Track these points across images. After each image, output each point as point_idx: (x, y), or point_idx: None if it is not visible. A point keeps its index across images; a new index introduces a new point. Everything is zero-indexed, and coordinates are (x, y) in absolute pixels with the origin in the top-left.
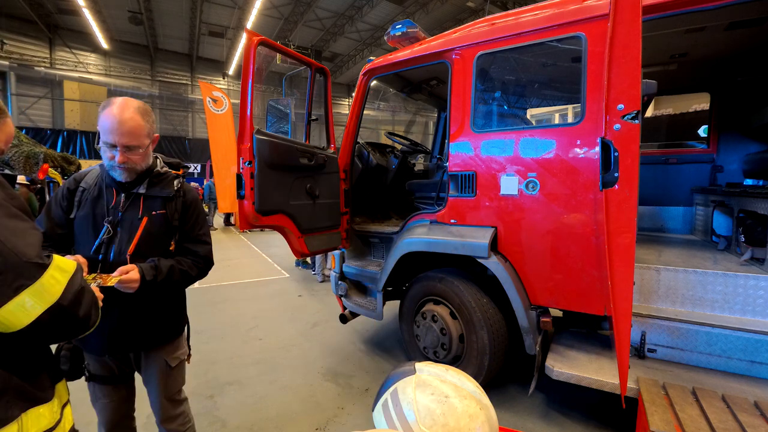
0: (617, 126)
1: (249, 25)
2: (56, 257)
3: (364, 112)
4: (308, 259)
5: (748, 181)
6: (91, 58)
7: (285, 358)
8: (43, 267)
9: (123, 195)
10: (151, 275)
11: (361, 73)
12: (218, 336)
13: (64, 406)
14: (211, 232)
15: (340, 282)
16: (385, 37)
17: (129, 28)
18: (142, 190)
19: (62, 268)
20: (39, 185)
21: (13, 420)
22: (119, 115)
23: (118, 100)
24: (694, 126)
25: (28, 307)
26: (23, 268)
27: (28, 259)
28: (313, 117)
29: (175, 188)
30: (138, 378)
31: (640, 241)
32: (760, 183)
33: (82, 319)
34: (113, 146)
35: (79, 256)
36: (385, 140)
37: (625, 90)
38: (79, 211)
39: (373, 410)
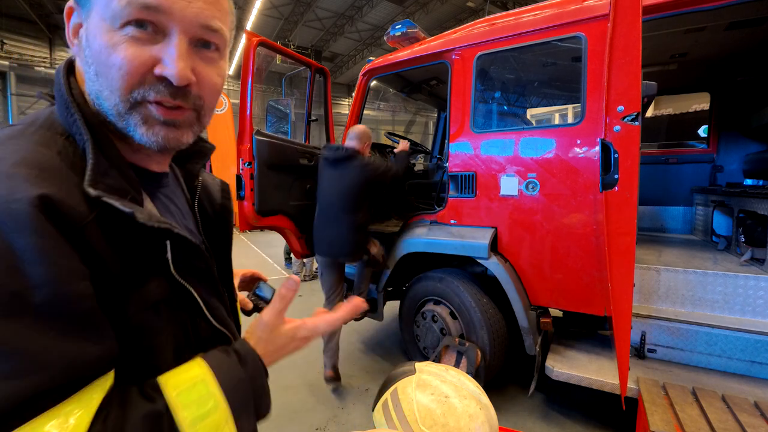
0: (617, 128)
1: (249, 25)
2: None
3: (364, 112)
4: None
5: (748, 181)
6: None
7: (285, 358)
8: None
9: None
10: None
11: (361, 74)
12: None
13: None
14: None
15: None
16: (385, 38)
17: None
18: None
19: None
20: None
21: None
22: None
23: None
24: (694, 126)
25: None
26: None
27: None
28: (313, 117)
29: None
30: None
31: (640, 241)
32: (760, 183)
33: None
34: None
35: None
36: (385, 140)
37: (625, 91)
38: None
39: (373, 410)
